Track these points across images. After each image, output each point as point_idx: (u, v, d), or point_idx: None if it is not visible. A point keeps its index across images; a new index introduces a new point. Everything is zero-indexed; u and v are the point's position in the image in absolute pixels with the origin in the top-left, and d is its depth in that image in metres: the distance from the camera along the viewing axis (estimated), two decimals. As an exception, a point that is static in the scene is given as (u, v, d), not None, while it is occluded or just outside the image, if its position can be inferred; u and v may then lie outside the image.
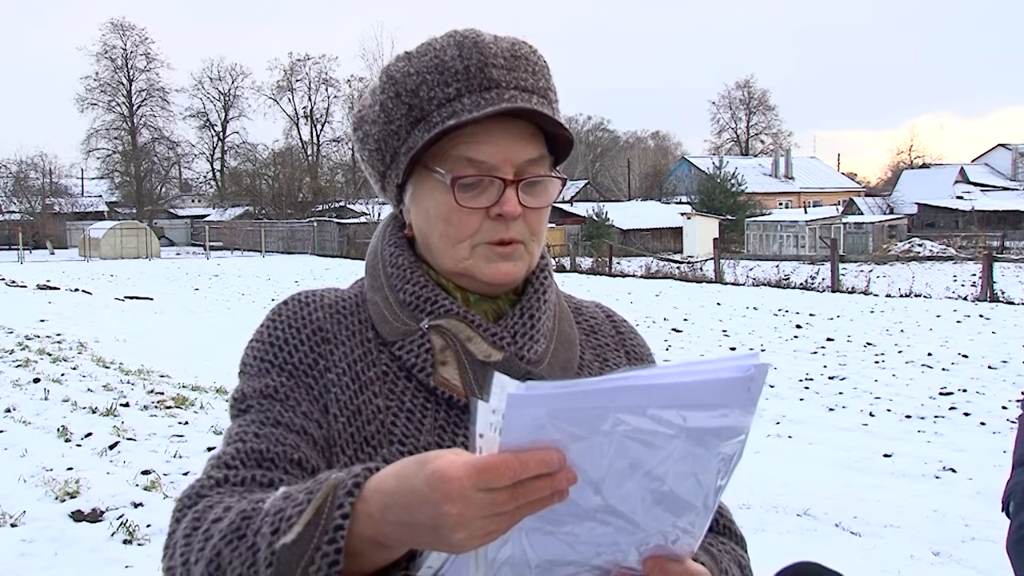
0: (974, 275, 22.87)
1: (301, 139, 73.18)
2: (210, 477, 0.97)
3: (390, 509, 0.77)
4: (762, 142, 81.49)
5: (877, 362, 10.78)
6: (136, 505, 5.07)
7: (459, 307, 1.09)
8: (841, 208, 52.23)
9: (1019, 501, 1.72)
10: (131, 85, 66.75)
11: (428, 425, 1.05)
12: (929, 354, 11.25)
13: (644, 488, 0.78)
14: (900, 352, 11.51)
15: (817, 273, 23.75)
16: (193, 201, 70.51)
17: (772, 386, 9.32)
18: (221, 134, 72.69)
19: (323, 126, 73.20)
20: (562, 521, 0.78)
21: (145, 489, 5.39)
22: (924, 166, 66.92)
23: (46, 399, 8.09)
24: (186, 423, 7.24)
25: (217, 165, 72.89)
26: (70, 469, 5.72)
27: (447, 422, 1.05)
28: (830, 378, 9.76)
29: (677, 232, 44.89)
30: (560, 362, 1.13)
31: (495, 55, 1.07)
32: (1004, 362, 10.60)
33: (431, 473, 0.73)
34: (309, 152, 72.08)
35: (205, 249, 48.88)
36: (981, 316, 15.53)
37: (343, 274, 29.88)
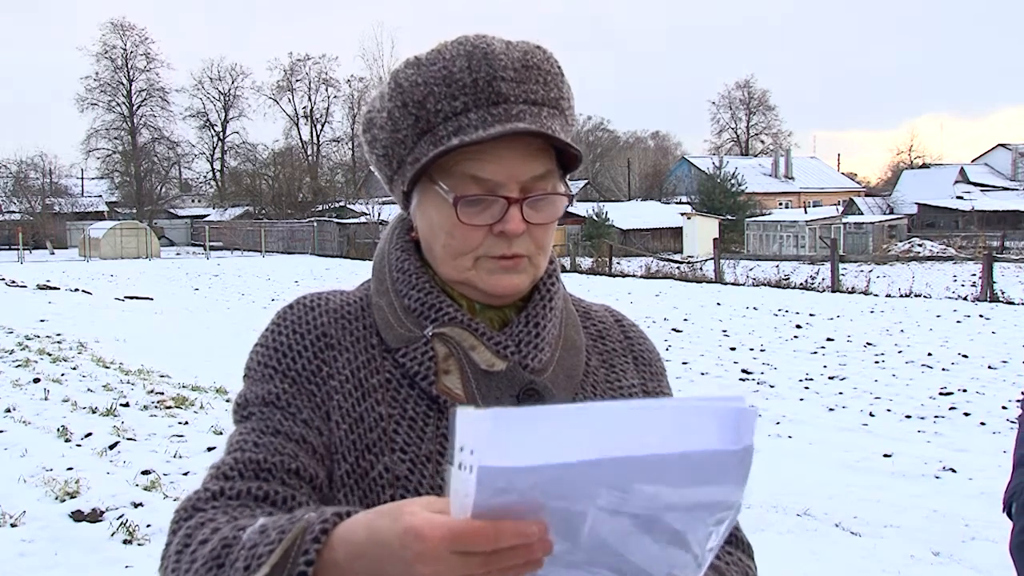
0: (974, 275, 22.87)
1: (301, 139, 73.27)
2: (207, 489, 0.98)
3: (359, 559, 0.77)
4: (762, 142, 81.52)
5: (877, 362, 10.78)
6: (136, 505, 5.08)
7: (463, 315, 1.08)
8: (841, 208, 52.21)
9: (1022, 503, 1.72)
10: (131, 85, 66.74)
11: (430, 433, 1.05)
12: (929, 354, 11.25)
13: (631, 549, 0.76)
14: (900, 352, 11.51)
15: (817, 273, 23.74)
16: (193, 201, 70.47)
17: (772, 386, 9.33)
18: (221, 134, 72.69)
19: (323, 126, 73.33)
20: (545, 573, 0.75)
21: (145, 489, 5.39)
22: (924, 166, 66.91)
23: (46, 399, 8.09)
24: (186, 423, 7.24)
25: (217, 165, 72.90)
26: (70, 469, 5.72)
27: (449, 430, 1.05)
28: (830, 378, 9.76)
29: (677, 232, 44.87)
30: (565, 369, 1.12)
31: (504, 67, 1.06)
32: (1004, 362, 10.60)
33: (405, 530, 0.72)
34: (309, 152, 72.11)
35: (205, 249, 48.86)
36: (981, 316, 15.53)
37: (343, 274, 29.87)
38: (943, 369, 10.23)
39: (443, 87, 1.05)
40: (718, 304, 18.26)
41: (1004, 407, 8.12)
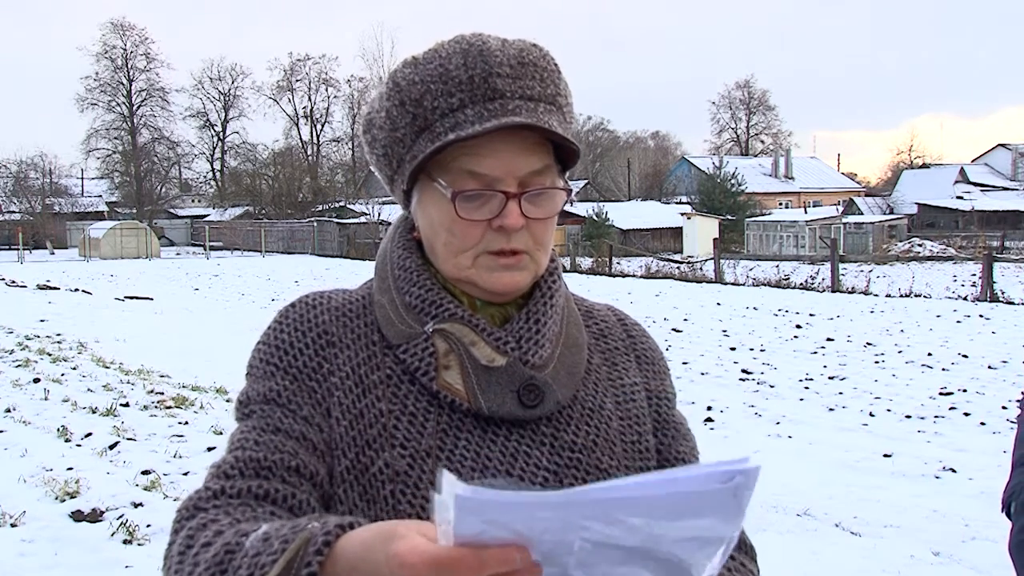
0: (974, 275, 22.88)
1: (301, 139, 73.26)
2: (207, 488, 0.99)
3: (354, 573, 0.78)
4: (762, 142, 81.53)
5: (877, 362, 10.78)
6: (136, 505, 5.07)
7: (464, 311, 1.09)
8: (841, 208, 52.20)
9: (1021, 502, 1.72)
10: (131, 85, 66.72)
11: (430, 429, 1.05)
12: (929, 354, 11.25)
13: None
14: (900, 352, 11.51)
15: (817, 273, 23.74)
16: (193, 201, 70.44)
17: (772, 386, 9.33)
18: (221, 134, 72.67)
19: (323, 126, 73.33)
20: None
21: (145, 489, 5.39)
22: (924, 166, 66.90)
23: (46, 399, 8.09)
24: (186, 423, 7.24)
25: (217, 165, 72.90)
26: (70, 469, 5.72)
27: (449, 426, 1.06)
28: (830, 378, 9.76)
29: (677, 232, 44.86)
30: (566, 366, 1.12)
31: (500, 63, 1.06)
32: (1004, 362, 10.60)
33: (392, 555, 0.72)
34: (309, 152, 72.10)
35: (205, 249, 48.86)
36: (981, 316, 15.53)
37: (343, 274, 29.88)
38: (943, 369, 10.23)
39: (439, 84, 1.06)
40: (718, 304, 18.26)
41: (1004, 407, 8.12)
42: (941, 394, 8.80)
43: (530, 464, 1.06)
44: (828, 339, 12.76)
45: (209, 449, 6.37)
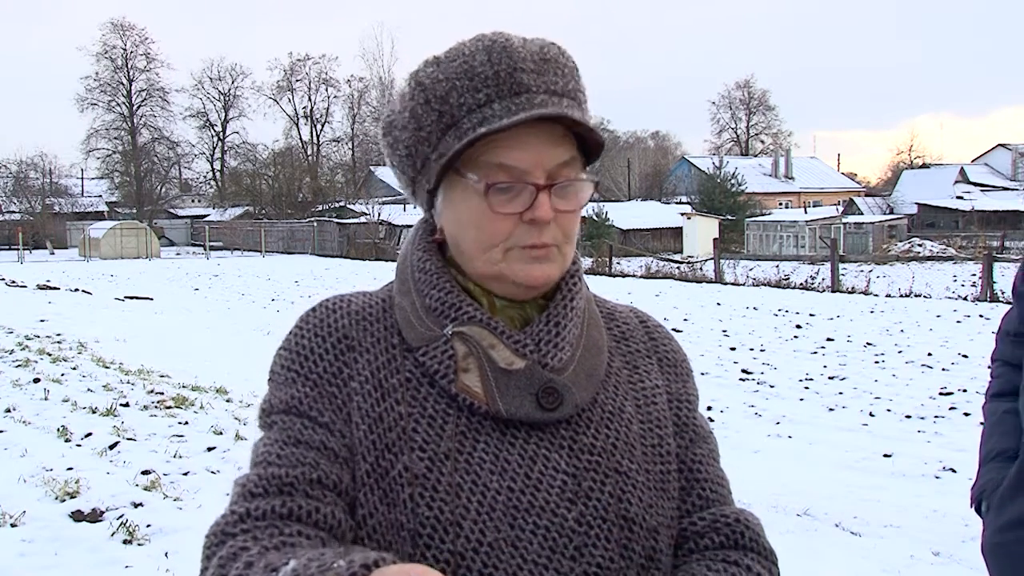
0: (974, 275, 22.88)
1: (301, 139, 73.22)
2: (233, 512, 1.00)
3: None
4: (762, 142, 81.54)
5: (877, 362, 10.78)
6: (136, 505, 5.07)
7: (483, 314, 1.09)
8: (841, 208, 52.20)
9: (995, 502, 1.72)
10: (131, 85, 66.70)
11: (449, 431, 1.06)
12: (929, 354, 11.25)
13: None
14: (900, 352, 11.51)
15: (817, 273, 23.75)
16: (193, 201, 70.45)
17: (772, 386, 9.33)
18: (221, 134, 72.66)
19: (323, 126, 73.28)
20: None
21: (145, 489, 5.39)
22: (924, 166, 66.87)
23: (46, 399, 8.08)
24: (186, 423, 7.24)
25: (217, 165, 72.90)
26: (70, 469, 5.72)
27: (468, 428, 1.06)
28: (830, 378, 9.76)
29: (677, 232, 44.85)
30: (586, 369, 1.13)
31: (524, 59, 1.07)
32: (1004, 362, 10.59)
33: None
34: (309, 152, 72.08)
35: (205, 249, 48.87)
36: (981, 316, 15.54)
37: (343, 274, 29.87)
38: (943, 369, 10.23)
39: (465, 81, 1.07)
40: (718, 304, 18.26)
41: (1004, 407, 8.12)
42: (941, 394, 8.81)
43: (548, 467, 1.06)
44: (828, 339, 12.76)
45: (209, 449, 6.37)
